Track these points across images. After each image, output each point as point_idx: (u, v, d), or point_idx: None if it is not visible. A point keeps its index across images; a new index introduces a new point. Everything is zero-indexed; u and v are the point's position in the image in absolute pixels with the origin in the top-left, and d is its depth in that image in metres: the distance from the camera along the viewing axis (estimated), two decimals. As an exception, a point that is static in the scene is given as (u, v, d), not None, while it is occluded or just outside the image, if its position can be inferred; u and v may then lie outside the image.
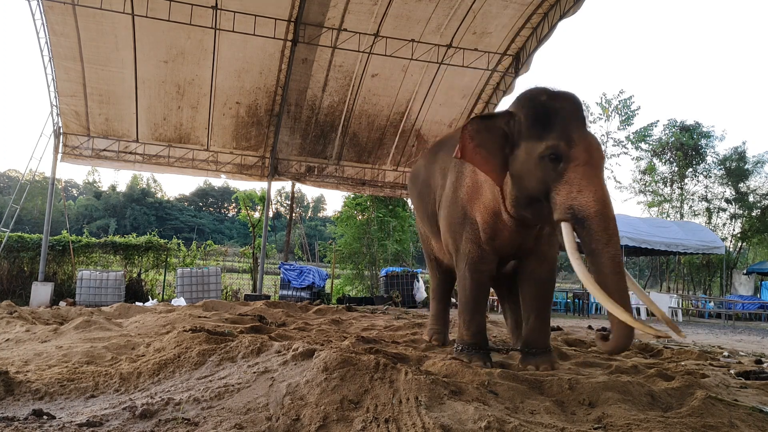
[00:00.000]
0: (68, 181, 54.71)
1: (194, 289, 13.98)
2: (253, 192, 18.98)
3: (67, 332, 6.35)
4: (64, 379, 3.87)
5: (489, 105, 15.86)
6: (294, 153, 16.17)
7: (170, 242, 16.70)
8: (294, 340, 5.31)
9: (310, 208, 60.97)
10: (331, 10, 12.89)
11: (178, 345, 4.67)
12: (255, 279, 16.71)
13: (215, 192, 58.95)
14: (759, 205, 23.29)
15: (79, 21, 12.17)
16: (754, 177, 23.53)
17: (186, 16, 12.14)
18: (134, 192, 52.16)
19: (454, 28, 13.58)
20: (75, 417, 3.11)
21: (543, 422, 3.23)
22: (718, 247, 17.27)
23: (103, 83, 13.56)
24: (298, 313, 9.84)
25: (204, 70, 13.73)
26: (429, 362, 4.54)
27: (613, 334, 3.98)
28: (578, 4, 12.37)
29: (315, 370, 3.58)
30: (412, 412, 3.10)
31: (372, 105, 15.52)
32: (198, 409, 3.22)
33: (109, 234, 28.09)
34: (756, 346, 8.98)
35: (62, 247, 15.13)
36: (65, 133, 14.39)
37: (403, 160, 16.92)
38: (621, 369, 5.04)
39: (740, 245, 24.31)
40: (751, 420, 3.47)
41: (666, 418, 3.37)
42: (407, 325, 8.22)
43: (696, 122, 24.31)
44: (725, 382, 4.85)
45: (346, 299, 15.87)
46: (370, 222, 20.44)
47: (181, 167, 15.47)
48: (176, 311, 8.80)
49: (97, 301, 12.83)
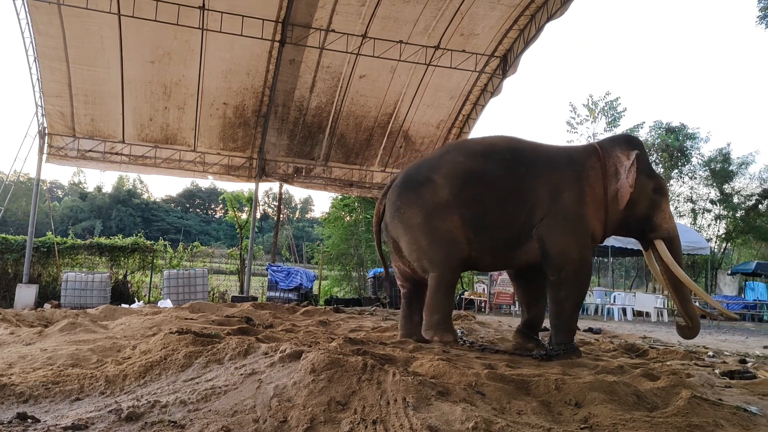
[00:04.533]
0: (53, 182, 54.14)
1: (181, 291, 13.90)
2: (240, 193, 18.90)
3: (52, 335, 6.29)
4: (49, 382, 3.83)
5: (477, 106, 15.93)
6: (281, 154, 16.13)
7: (156, 244, 16.57)
8: (281, 342, 5.29)
9: (298, 210, 60.79)
10: (318, 11, 12.89)
11: (165, 347, 4.64)
12: (242, 280, 16.63)
13: (202, 193, 58.63)
14: (743, 207, 23.52)
15: (64, 21, 12.08)
16: (738, 178, 23.79)
17: (173, 17, 12.08)
18: (120, 193, 51.74)
19: (441, 30, 13.63)
20: (60, 420, 3.08)
21: (530, 422, 3.24)
22: (703, 248, 17.44)
23: (89, 83, 13.46)
24: (285, 315, 9.82)
25: (191, 70, 13.67)
26: (416, 363, 4.54)
27: (692, 323, 6.26)
28: (565, 5, 12.47)
29: (302, 372, 3.57)
30: (400, 413, 3.10)
31: (360, 106, 15.53)
32: (184, 412, 3.20)
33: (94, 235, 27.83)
34: (740, 346, 9.07)
35: (47, 249, 14.98)
36: (50, 134, 14.25)
37: (390, 161, 16.93)
38: (607, 369, 5.07)
39: (725, 246, 24.55)
40: (736, 419, 3.51)
41: (652, 417, 3.40)
42: (395, 326, 8.21)
43: (681, 124, 24.56)
44: (710, 382, 4.90)
45: (334, 300, 15.84)
46: (357, 223, 20.41)
47: (167, 168, 15.38)
48: (162, 313, 8.75)
49: (82, 303, 12.71)
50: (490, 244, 6.16)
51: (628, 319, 14.99)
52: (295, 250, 25.15)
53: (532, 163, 6.16)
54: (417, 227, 6.16)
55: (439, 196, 6.09)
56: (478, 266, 7.07)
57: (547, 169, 6.11)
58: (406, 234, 6.26)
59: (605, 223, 6.23)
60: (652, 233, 6.28)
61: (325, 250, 21.03)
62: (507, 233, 6.09)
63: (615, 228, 6.38)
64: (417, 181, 6.31)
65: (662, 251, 6.15)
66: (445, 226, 6.08)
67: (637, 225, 6.31)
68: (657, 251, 6.27)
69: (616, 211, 6.16)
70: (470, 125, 16.32)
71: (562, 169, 6.12)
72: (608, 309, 15.54)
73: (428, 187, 6.18)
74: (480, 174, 6.09)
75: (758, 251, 25.92)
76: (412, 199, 6.22)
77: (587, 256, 6.19)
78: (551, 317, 6.34)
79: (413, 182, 6.33)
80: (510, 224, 6.05)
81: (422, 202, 6.15)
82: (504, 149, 6.30)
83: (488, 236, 6.10)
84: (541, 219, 5.99)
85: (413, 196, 6.23)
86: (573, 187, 6.04)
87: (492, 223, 6.05)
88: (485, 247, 6.17)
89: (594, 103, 25.39)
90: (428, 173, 6.28)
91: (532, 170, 6.10)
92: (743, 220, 23.19)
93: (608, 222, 6.24)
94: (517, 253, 6.18)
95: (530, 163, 6.15)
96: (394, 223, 6.37)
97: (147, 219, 48.97)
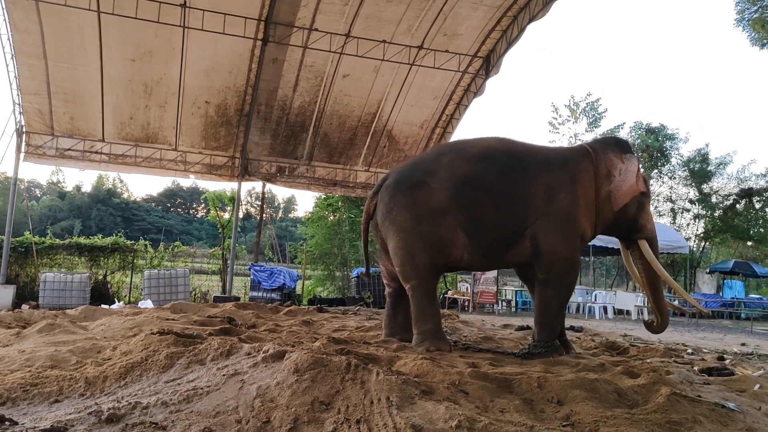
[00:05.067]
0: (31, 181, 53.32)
1: (162, 291, 13.76)
2: (222, 192, 18.75)
3: (30, 336, 6.20)
4: (27, 384, 3.77)
5: (460, 106, 15.98)
6: (264, 153, 16.05)
7: (137, 243, 16.40)
8: (264, 342, 5.27)
9: (281, 209, 60.58)
10: (301, 10, 12.84)
11: (146, 348, 4.60)
12: (224, 280, 16.51)
13: (184, 192, 58.18)
14: (721, 206, 23.84)
15: (43, 18, 11.90)
16: (717, 178, 24.08)
17: (154, 14, 11.96)
18: (100, 192, 51.18)
19: (425, 30, 13.65)
20: (39, 422, 3.04)
21: (513, 420, 3.26)
22: (682, 247, 17.66)
23: (68, 81, 13.27)
24: (268, 315, 9.77)
25: (172, 68, 13.54)
26: (400, 362, 4.55)
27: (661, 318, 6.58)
28: (547, 7, 12.57)
29: (286, 372, 3.56)
30: (384, 413, 3.10)
31: (343, 105, 15.50)
32: (166, 413, 3.18)
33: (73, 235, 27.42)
34: (718, 344, 9.21)
35: (25, 249, 14.76)
36: (28, 132, 14.03)
37: (374, 160, 16.91)
38: (588, 367, 5.12)
39: (703, 245, 24.86)
40: (714, 415, 3.56)
41: (632, 414, 3.43)
42: (378, 326, 8.21)
43: (661, 124, 24.78)
44: (689, 379, 4.97)
45: (318, 300, 15.79)
46: (341, 222, 20.38)
47: (148, 167, 15.21)
48: (143, 314, 8.65)
49: (61, 304, 12.53)
50: (485, 246, 6.18)
51: (609, 317, 15.15)
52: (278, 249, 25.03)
53: (528, 165, 6.22)
54: (406, 231, 6.13)
55: (435, 200, 6.06)
56: (471, 268, 7.16)
57: (542, 170, 6.19)
58: (395, 237, 6.23)
59: (595, 224, 6.41)
60: (638, 234, 6.54)
61: (308, 249, 20.97)
62: (502, 235, 6.13)
63: (603, 228, 6.58)
64: (411, 183, 6.25)
65: (646, 251, 6.45)
66: (435, 232, 6.06)
67: (626, 226, 6.54)
68: (639, 250, 6.54)
69: (607, 212, 6.38)
70: (453, 125, 16.37)
71: (557, 171, 6.23)
72: (589, 307, 15.69)
73: (423, 190, 6.13)
74: (477, 178, 6.09)
75: (736, 250, 26.30)
76: (405, 203, 6.16)
77: (576, 257, 6.34)
78: (536, 314, 6.40)
79: (407, 184, 6.27)
80: (505, 226, 6.09)
81: (415, 206, 6.10)
82: (500, 152, 6.33)
83: (483, 239, 6.12)
84: (535, 220, 6.04)
85: (406, 199, 6.17)
86: (568, 188, 6.16)
87: (488, 227, 6.07)
88: (479, 249, 6.18)
89: (575, 103, 25.57)
90: (423, 176, 6.23)
91: (528, 172, 6.15)
92: (721, 220, 23.51)
93: (598, 223, 6.43)
94: (509, 254, 6.24)
95: (526, 166, 6.21)
96: (385, 225, 6.34)
97: (127, 218, 48.50)
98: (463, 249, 6.13)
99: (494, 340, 7.61)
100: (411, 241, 6.12)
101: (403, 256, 6.17)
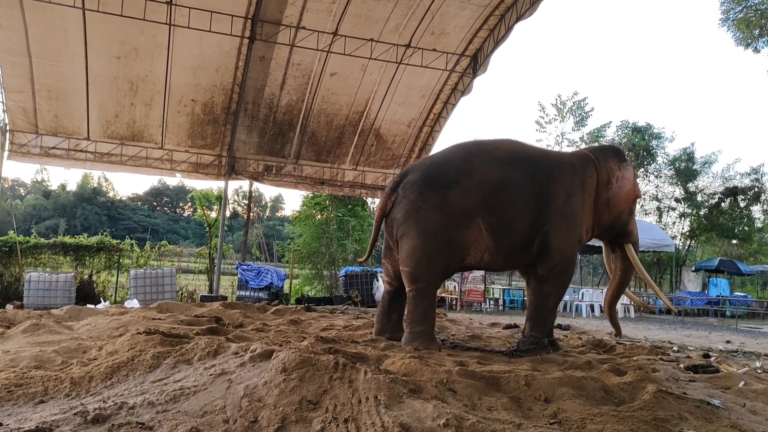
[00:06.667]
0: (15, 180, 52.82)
1: (148, 291, 13.65)
2: (209, 191, 18.63)
3: (15, 336, 6.14)
4: (12, 385, 3.73)
5: (447, 105, 16.00)
6: (251, 152, 15.97)
7: (123, 243, 16.24)
8: (252, 341, 5.25)
9: (268, 208, 60.32)
10: (289, 8, 12.80)
11: (132, 348, 4.57)
12: (211, 280, 16.42)
13: (170, 191, 57.74)
14: (706, 205, 24.05)
15: (26, 14, 11.75)
16: (702, 177, 24.27)
17: (139, 11, 11.86)
18: (85, 191, 50.65)
19: (412, 29, 13.66)
20: (23, 423, 3.01)
21: (500, 418, 3.27)
22: (668, 245, 17.80)
23: (53, 79, 13.13)
24: (256, 314, 9.73)
25: (158, 66, 13.44)
26: (388, 361, 4.55)
27: (609, 315, 7.37)
28: (534, 6, 12.62)
29: (273, 371, 3.54)
30: (372, 412, 3.10)
31: (331, 104, 15.47)
32: (153, 413, 3.15)
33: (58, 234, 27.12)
34: (704, 341, 9.30)
35: (9, 248, 14.58)
36: (12, 131, 13.86)
37: (362, 159, 16.90)
38: (575, 365, 5.15)
39: (689, 243, 25.07)
40: (700, 412, 3.60)
41: (619, 412, 3.46)
42: (366, 325, 8.21)
43: (647, 124, 24.91)
44: (675, 376, 5.02)
45: (305, 299, 15.75)
46: (329, 221, 20.35)
47: (134, 166, 15.08)
48: (129, 313, 8.60)
49: (46, 304, 12.40)
50: (508, 247, 6.25)
51: (595, 315, 15.25)
52: (265, 248, 24.93)
53: (549, 168, 6.46)
54: (432, 234, 6.00)
55: (466, 202, 6.04)
56: (487, 268, 7.34)
57: (562, 174, 6.49)
58: (417, 238, 6.04)
59: (592, 227, 6.79)
60: (626, 238, 7.00)
61: (296, 248, 20.89)
62: (524, 236, 6.25)
63: (598, 232, 6.95)
64: (443, 183, 6.12)
65: (632, 255, 6.96)
66: (460, 235, 6.05)
67: (617, 230, 6.95)
68: (624, 253, 7.04)
69: (605, 216, 6.77)
70: (441, 124, 16.39)
71: (572, 175, 6.55)
72: (576, 305, 15.79)
73: (455, 191, 6.05)
74: (508, 181, 6.19)
75: (721, 248, 26.54)
76: (437, 203, 6.02)
77: (575, 258, 6.75)
78: (531, 310, 6.50)
79: (439, 183, 6.12)
80: (527, 228, 6.22)
81: (448, 207, 6.00)
82: (524, 156, 6.53)
83: (508, 240, 6.19)
84: (551, 220, 6.26)
85: (439, 199, 6.03)
86: (580, 192, 6.53)
87: (515, 229, 6.17)
88: (502, 250, 6.23)
89: (562, 102, 25.67)
90: (456, 176, 6.15)
91: (551, 176, 6.38)
92: (706, 218, 23.72)
93: (594, 227, 6.81)
94: (525, 254, 6.39)
95: (547, 169, 6.43)
96: (408, 224, 6.11)
97: (113, 217, 48.08)
98: (485, 250, 6.16)
99: (482, 339, 7.64)
100: (434, 244, 6.02)
101: (420, 258, 6.04)
